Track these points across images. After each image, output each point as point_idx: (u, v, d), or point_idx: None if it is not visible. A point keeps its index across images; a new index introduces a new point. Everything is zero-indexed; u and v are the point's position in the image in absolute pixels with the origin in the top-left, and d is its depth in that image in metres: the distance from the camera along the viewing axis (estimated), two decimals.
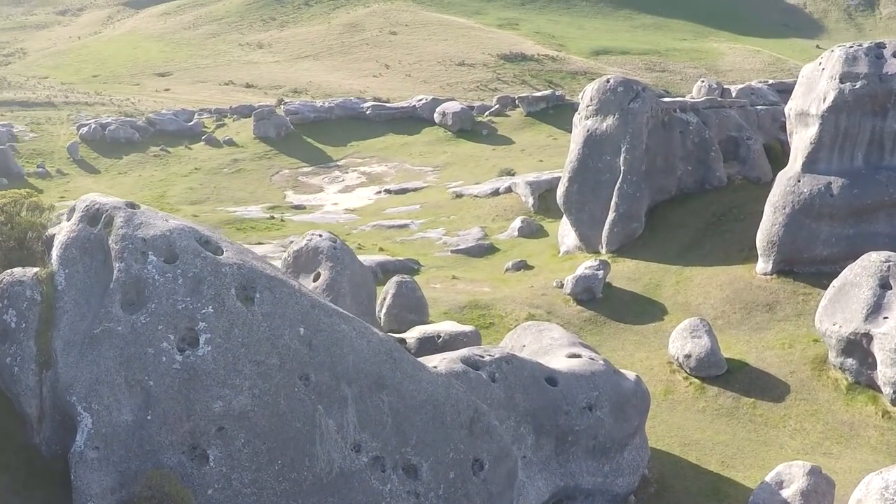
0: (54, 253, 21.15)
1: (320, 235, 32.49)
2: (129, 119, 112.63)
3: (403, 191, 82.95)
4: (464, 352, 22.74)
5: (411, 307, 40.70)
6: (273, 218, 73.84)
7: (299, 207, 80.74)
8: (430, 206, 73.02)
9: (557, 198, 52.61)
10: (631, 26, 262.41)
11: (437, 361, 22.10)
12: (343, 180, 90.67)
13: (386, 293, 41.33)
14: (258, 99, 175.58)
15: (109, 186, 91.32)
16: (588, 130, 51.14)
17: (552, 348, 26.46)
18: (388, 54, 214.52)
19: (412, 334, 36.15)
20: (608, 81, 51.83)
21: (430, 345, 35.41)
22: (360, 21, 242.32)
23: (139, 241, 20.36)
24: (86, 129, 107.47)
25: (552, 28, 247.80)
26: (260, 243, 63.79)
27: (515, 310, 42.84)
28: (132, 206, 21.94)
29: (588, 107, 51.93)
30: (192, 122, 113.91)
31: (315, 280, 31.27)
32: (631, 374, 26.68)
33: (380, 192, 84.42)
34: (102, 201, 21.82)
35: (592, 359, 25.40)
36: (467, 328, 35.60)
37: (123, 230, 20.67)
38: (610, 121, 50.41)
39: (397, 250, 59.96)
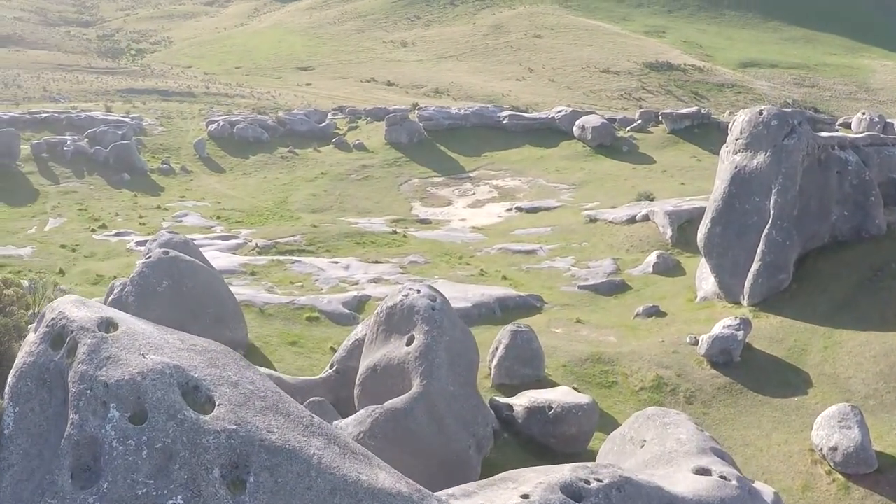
0: (8, 381, 15.74)
1: (418, 291, 28.71)
2: (259, 118, 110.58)
3: (535, 209, 78.86)
4: (566, 474, 18.53)
5: (526, 360, 36.83)
6: (396, 233, 70.55)
7: (424, 222, 77.29)
8: (561, 230, 68.80)
9: (698, 240, 48.01)
10: (780, 38, 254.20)
11: (530, 487, 17.99)
12: (474, 193, 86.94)
13: (499, 343, 37.50)
14: (399, 98, 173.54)
15: (232, 187, 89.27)
16: (736, 167, 46.51)
17: (677, 456, 22.22)
18: (531, 58, 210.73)
19: (520, 401, 32.36)
20: (761, 113, 47.02)
21: (540, 416, 31.64)
22: (505, 23, 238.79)
23: (100, 387, 14.58)
24: (215, 126, 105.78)
25: (700, 37, 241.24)
26: (377, 262, 60.52)
27: (642, 368, 38.61)
28: (107, 325, 15.77)
29: (737, 140, 47.28)
30: (323, 124, 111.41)
31: (408, 344, 27.56)
32: (768, 494, 22.22)
33: (511, 209, 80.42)
34: (72, 315, 15.85)
35: (724, 477, 21.01)
36: (583, 399, 31.67)
37: (84, 366, 14.88)
38: (761, 157, 45.69)
39: (522, 280, 56.05)
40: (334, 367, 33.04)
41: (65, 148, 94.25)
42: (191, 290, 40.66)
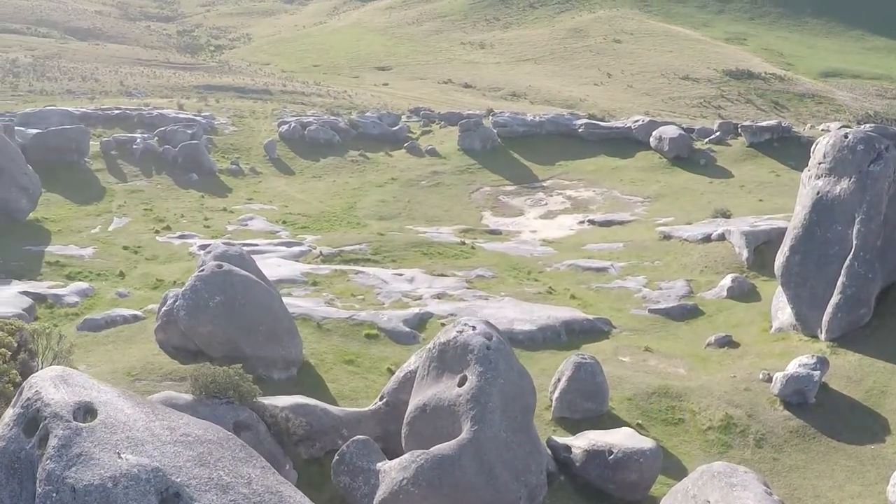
0: None
1: (474, 328, 27.06)
2: (330, 120, 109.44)
3: (608, 223, 76.84)
4: None
5: (589, 394, 35.08)
6: (464, 244, 68.86)
7: (494, 233, 75.54)
8: (634, 246, 66.71)
9: (776, 268, 45.81)
10: (863, 48, 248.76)
11: None
12: (546, 204, 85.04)
13: (561, 374, 35.75)
14: (475, 100, 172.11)
15: (301, 191, 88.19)
16: (818, 193, 44.29)
17: None
18: (610, 62, 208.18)
19: (579, 443, 30.61)
20: (846, 137, 44.70)
21: (600, 460, 29.91)
22: (585, 27, 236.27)
23: (67, 491, 12.70)
24: (286, 127, 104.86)
25: (781, 45, 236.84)
26: (443, 275, 58.94)
27: (711, 405, 36.65)
28: (84, 413, 13.66)
29: (820, 164, 45.04)
30: (396, 127, 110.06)
31: (460, 385, 25.95)
32: None
33: (583, 221, 78.47)
34: (48, 398, 13.85)
35: None
36: (647, 444, 29.91)
37: (52, 464, 13.03)
38: (845, 184, 43.43)
39: (591, 300, 54.17)
40: (384, 400, 31.52)
41: (134, 146, 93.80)
42: (244, 307, 39.42)
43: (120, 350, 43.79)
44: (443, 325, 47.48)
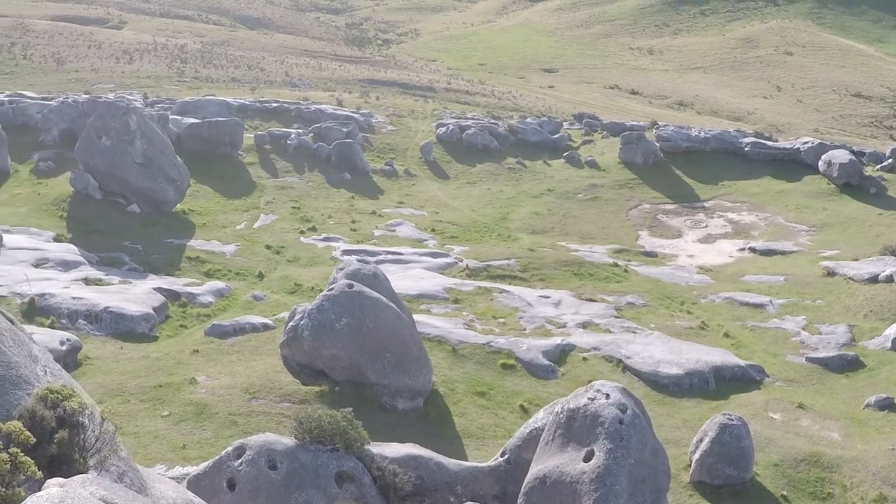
0: None
1: (607, 396, 24.24)
2: (489, 125, 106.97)
3: (770, 252, 72.85)
4: None
5: (732, 459, 31.98)
6: (617, 265, 65.95)
7: (649, 255, 72.31)
8: (795, 282, 62.71)
9: None
10: None
11: None
12: (706, 226, 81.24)
13: (704, 434, 32.65)
14: (641, 108, 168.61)
15: (453, 197, 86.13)
16: None
17: None
18: (780, 75, 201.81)
19: None
20: None
21: None
22: (756, 37, 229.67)
23: None
24: (444, 129, 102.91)
25: None
26: (591, 300, 56.13)
27: (865, 481, 33.21)
28: None
29: None
30: (557, 135, 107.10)
31: (586, 460, 23.19)
32: None
33: (743, 248, 74.65)
34: None
35: None
36: None
37: None
38: None
39: (745, 339, 50.81)
40: (506, 456, 28.87)
41: (288, 141, 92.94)
42: (372, 331, 37.38)
43: (243, 362, 42.31)
44: (584, 359, 44.92)
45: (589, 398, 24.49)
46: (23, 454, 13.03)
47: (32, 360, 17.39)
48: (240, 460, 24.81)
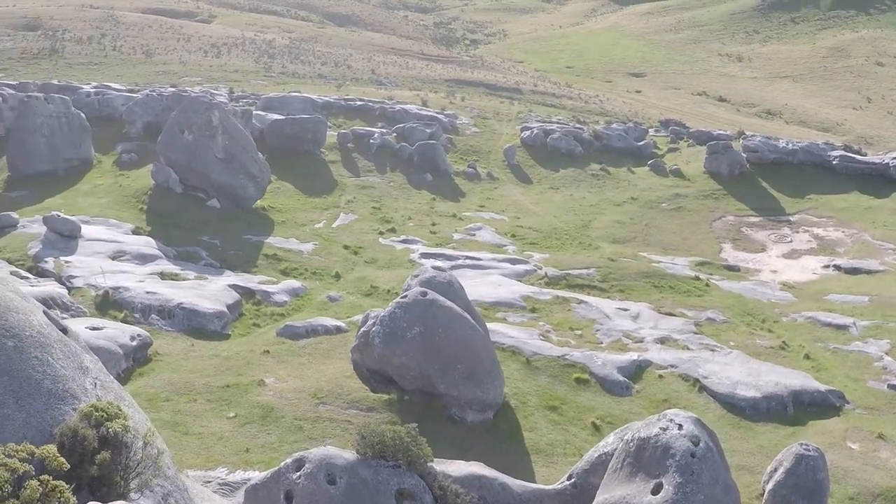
0: None
1: (680, 427, 23.22)
2: (574, 130, 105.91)
3: (855, 270, 71.03)
4: None
5: (806, 492, 30.66)
6: (698, 279, 64.54)
7: (732, 269, 70.81)
8: (880, 303, 60.91)
9: None
10: None
11: None
12: (790, 241, 79.39)
13: (779, 464, 31.42)
14: (729, 115, 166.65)
15: (535, 202, 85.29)
16: None
17: None
18: (871, 86, 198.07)
19: None
20: None
21: None
22: (847, 46, 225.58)
23: None
24: (528, 133, 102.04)
25: None
26: (671, 314, 54.96)
27: None
28: None
29: None
30: (642, 142, 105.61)
31: (654, 493, 22.23)
32: None
33: (828, 266, 72.85)
34: None
35: None
36: None
37: None
38: None
39: (826, 362, 49.29)
40: (572, 480, 28.01)
41: (371, 140, 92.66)
42: (443, 341, 36.67)
43: (313, 365, 41.92)
44: (661, 377, 43.90)
45: (661, 428, 23.53)
46: (55, 480, 12.46)
47: (82, 372, 16.91)
48: (298, 473, 24.22)
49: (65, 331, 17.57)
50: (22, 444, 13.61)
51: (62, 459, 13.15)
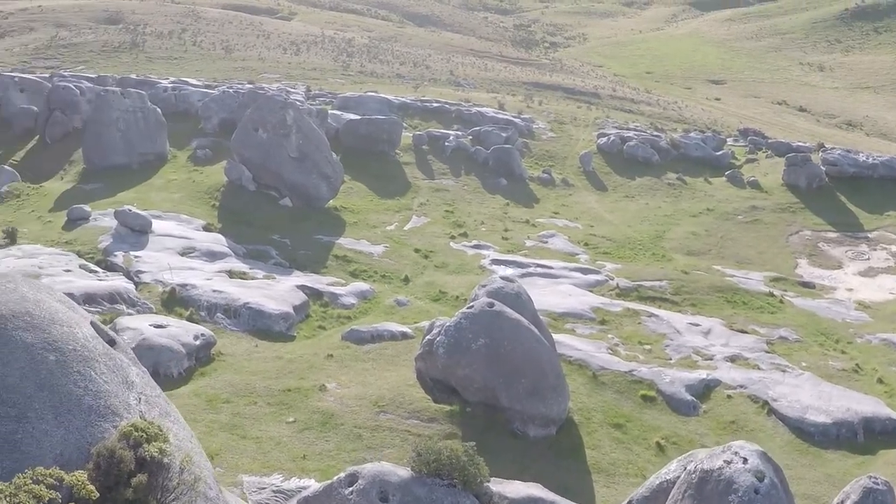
0: None
1: (745, 461, 22.38)
2: (651, 137, 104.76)
3: None
4: None
5: None
6: (772, 295, 63.30)
7: (807, 286, 69.28)
8: None
9: None
10: None
11: None
12: (868, 258, 77.67)
13: (846, 497, 30.09)
14: (808, 126, 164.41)
15: (610, 210, 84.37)
16: None
17: None
18: None
19: None
20: None
21: None
22: None
23: None
24: (605, 139, 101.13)
25: None
26: (742, 331, 53.88)
27: None
28: None
29: None
30: (720, 152, 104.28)
31: None
32: None
33: None
34: None
35: None
36: None
37: None
38: None
39: None
40: None
41: (446, 143, 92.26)
42: (509, 354, 36.05)
43: (377, 371, 41.51)
44: (729, 397, 42.93)
45: (725, 461, 22.71)
46: None
47: (127, 386, 16.54)
48: (351, 488, 23.74)
49: (112, 342, 17.24)
50: (52, 468, 13.25)
51: (91, 488, 12.76)
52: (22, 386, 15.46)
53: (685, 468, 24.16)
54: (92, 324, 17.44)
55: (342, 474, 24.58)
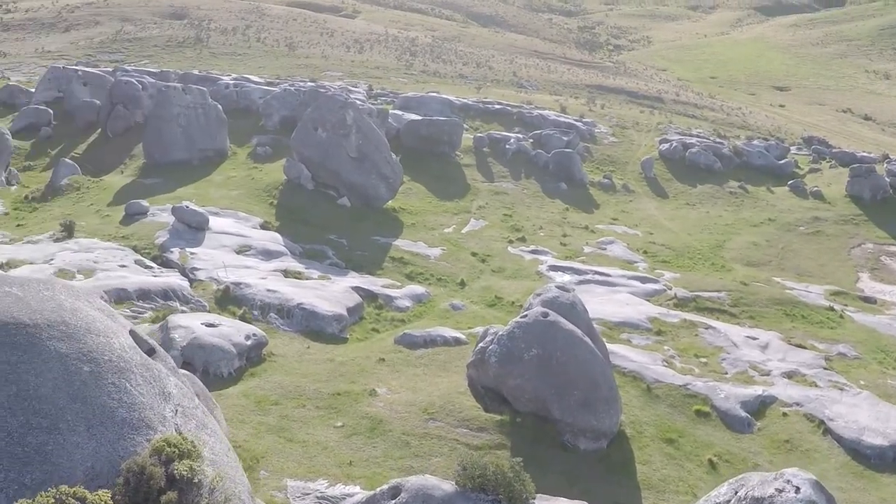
0: None
1: (797, 490, 21.73)
2: (714, 144, 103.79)
3: None
4: None
5: None
6: (832, 310, 62.10)
7: (868, 300, 68.05)
8: None
9: None
10: None
11: None
12: None
13: None
14: (874, 135, 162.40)
15: (670, 218, 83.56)
16: None
17: None
18: None
19: None
20: None
21: None
22: None
23: None
24: (667, 145, 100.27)
25: None
26: (801, 346, 52.89)
27: None
28: None
29: None
30: (783, 161, 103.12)
31: None
32: None
33: None
34: None
35: None
36: None
37: None
38: None
39: None
40: None
41: (507, 146, 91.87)
42: (562, 365, 35.58)
43: (428, 377, 41.07)
44: (784, 415, 42.09)
45: (776, 489, 22.09)
46: None
47: (163, 398, 16.28)
48: (394, 501, 23.39)
49: (151, 352, 17.01)
50: (76, 486, 13.01)
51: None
52: (55, 397, 15.34)
53: (736, 492, 23.56)
54: (131, 332, 17.24)
55: (385, 486, 24.24)
